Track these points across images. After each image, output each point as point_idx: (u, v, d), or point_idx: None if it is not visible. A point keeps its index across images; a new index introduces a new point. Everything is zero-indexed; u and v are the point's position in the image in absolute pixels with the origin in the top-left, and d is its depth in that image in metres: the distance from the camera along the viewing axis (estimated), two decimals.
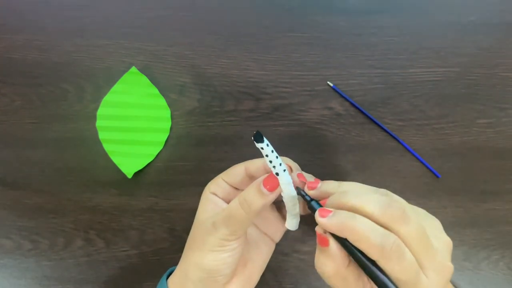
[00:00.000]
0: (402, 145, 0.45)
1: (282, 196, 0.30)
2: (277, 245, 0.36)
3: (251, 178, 0.32)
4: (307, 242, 0.44)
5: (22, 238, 0.44)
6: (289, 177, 0.29)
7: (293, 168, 0.32)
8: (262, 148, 0.27)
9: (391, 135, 0.45)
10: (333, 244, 0.26)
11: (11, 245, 0.44)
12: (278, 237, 0.35)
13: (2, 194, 0.45)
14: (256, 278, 0.35)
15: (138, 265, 0.44)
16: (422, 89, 0.46)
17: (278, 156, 0.28)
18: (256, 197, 0.28)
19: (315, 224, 0.31)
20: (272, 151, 0.27)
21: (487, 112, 0.46)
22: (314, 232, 0.33)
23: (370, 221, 0.25)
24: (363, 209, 0.25)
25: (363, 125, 0.45)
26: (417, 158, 0.45)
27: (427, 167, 0.45)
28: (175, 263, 0.34)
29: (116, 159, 0.45)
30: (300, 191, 0.30)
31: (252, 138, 0.26)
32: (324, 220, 0.26)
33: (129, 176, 0.45)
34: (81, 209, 0.45)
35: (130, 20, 0.47)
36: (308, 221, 0.33)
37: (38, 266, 0.44)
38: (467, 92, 0.46)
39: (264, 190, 0.28)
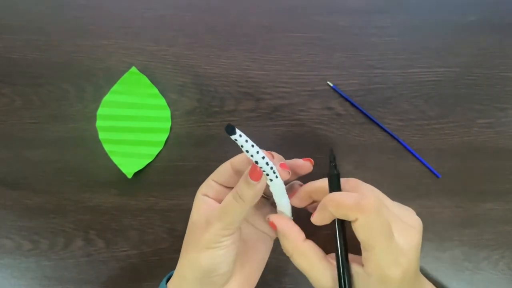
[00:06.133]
0: (402, 145, 0.45)
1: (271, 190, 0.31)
2: (277, 245, 0.36)
3: (237, 173, 0.32)
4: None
5: (22, 238, 0.44)
6: (271, 163, 0.29)
7: (274, 156, 0.32)
8: (236, 140, 0.26)
9: (391, 135, 0.45)
10: (280, 224, 0.32)
11: (11, 245, 0.44)
12: (275, 233, 0.35)
13: (2, 194, 0.45)
14: (255, 278, 0.35)
15: (138, 265, 0.44)
16: (422, 89, 0.46)
17: (254, 145, 0.27)
18: (245, 188, 0.29)
19: (315, 225, 0.32)
20: (247, 141, 0.27)
21: (487, 112, 0.46)
22: (313, 232, 0.33)
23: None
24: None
25: (363, 125, 0.45)
26: (417, 158, 0.45)
27: (427, 167, 0.45)
28: (175, 263, 0.34)
29: (116, 159, 0.45)
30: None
31: (225, 130, 0.26)
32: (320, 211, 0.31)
33: (129, 176, 0.45)
34: (81, 209, 0.45)
35: (130, 20, 0.47)
36: (307, 221, 0.33)
37: (38, 266, 0.44)
38: (467, 92, 0.46)
39: (251, 181, 0.29)
